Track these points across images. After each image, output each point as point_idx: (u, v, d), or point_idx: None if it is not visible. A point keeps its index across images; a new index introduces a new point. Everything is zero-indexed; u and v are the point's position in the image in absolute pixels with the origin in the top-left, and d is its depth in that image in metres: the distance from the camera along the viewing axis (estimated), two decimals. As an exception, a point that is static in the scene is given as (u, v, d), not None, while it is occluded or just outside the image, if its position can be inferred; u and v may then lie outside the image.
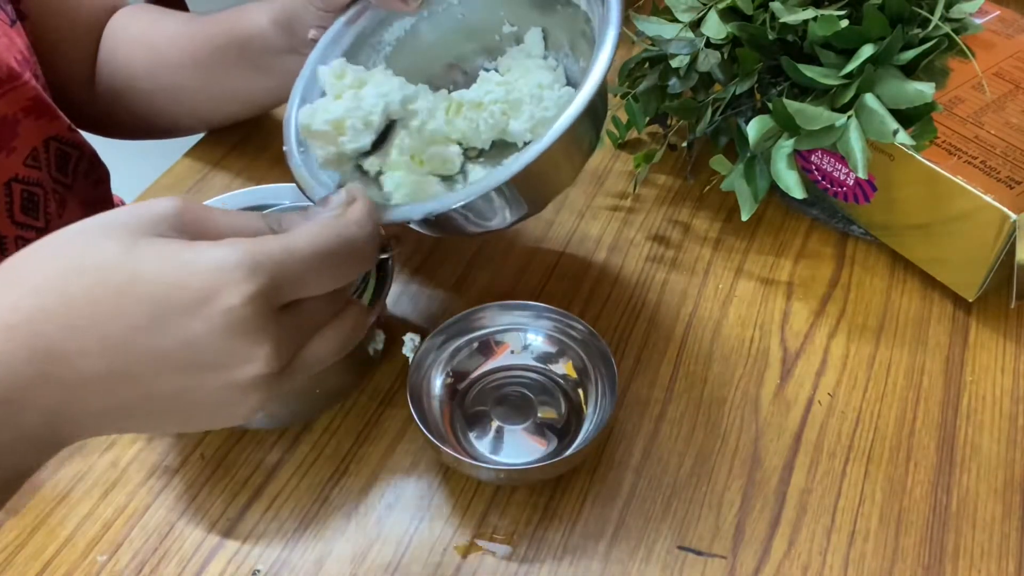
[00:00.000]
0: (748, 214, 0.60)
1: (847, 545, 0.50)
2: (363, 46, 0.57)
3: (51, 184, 0.71)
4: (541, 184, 0.52)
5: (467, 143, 0.56)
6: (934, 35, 0.55)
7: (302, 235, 0.37)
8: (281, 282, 0.35)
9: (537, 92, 0.54)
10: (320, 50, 0.57)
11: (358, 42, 0.57)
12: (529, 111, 0.54)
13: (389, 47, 0.57)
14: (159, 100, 0.74)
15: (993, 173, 0.56)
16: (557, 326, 0.57)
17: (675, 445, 0.55)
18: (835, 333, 0.60)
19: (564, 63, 0.57)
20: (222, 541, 0.52)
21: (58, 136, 0.71)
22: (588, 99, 0.46)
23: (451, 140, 0.55)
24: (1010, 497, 0.51)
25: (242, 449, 0.56)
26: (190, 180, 0.75)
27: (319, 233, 0.37)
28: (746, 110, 0.62)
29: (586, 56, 0.55)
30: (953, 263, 0.60)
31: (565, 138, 0.45)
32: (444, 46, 0.58)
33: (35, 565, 0.51)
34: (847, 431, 0.55)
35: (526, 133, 0.54)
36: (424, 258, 0.67)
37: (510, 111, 0.54)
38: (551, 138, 0.45)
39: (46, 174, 0.70)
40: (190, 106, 0.74)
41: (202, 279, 0.34)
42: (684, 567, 0.49)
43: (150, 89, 0.73)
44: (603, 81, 0.46)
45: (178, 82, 0.71)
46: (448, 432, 0.54)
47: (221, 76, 0.69)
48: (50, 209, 0.71)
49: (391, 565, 0.50)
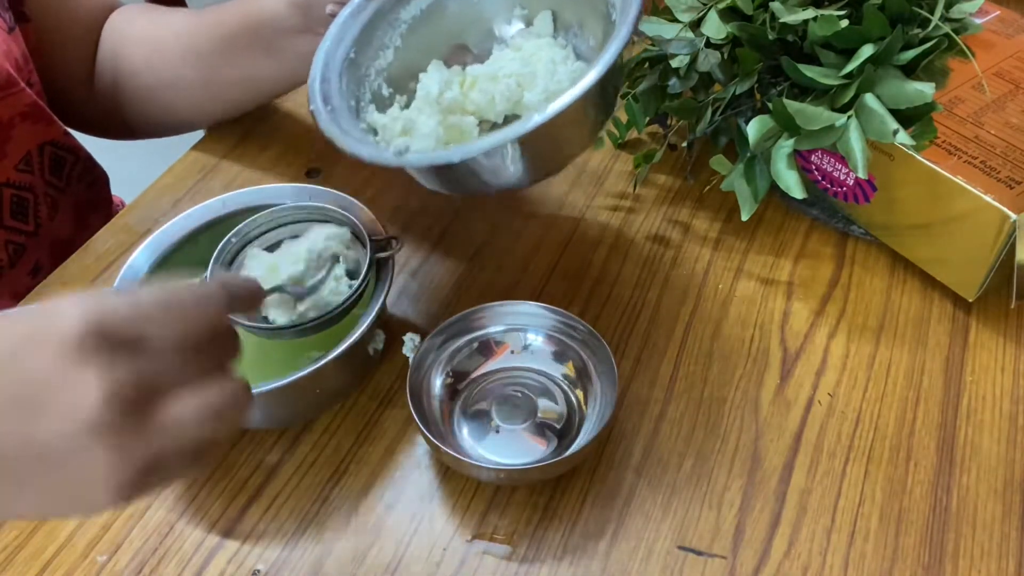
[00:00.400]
0: (748, 214, 0.60)
1: (847, 545, 0.50)
2: (381, 22, 0.59)
3: (43, 188, 0.71)
4: (561, 142, 0.53)
5: (481, 115, 0.57)
6: (934, 35, 0.55)
7: (150, 288, 0.36)
8: (115, 316, 0.34)
9: (551, 66, 0.57)
10: (340, 23, 0.58)
11: (376, 18, 0.58)
12: (543, 83, 0.56)
13: (405, 25, 0.60)
14: (160, 95, 0.74)
15: (993, 173, 0.56)
16: (557, 326, 0.57)
17: (675, 445, 0.55)
18: (835, 333, 0.60)
19: (573, 42, 0.59)
20: (222, 541, 0.52)
21: (54, 141, 0.71)
22: (615, 54, 0.47)
23: (467, 111, 0.56)
24: (1010, 497, 0.51)
25: (242, 449, 0.56)
26: (190, 180, 0.75)
27: (165, 286, 0.36)
28: (746, 110, 0.62)
29: (595, 34, 0.58)
30: (953, 263, 0.60)
31: (589, 95, 0.47)
32: (458, 26, 0.61)
33: (35, 565, 0.51)
34: (847, 431, 0.55)
35: (542, 104, 0.54)
36: (424, 258, 0.67)
37: (524, 83, 0.56)
38: (578, 91, 0.46)
39: (39, 178, 0.70)
40: (191, 99, 0.74)
41: (37, 316, 0.34)
42: (684, 567, 0.49)
43: (151, 84, 0.73)
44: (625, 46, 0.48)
45: (180, 74, 0.72)
46: (448, 432, 0.54)
47: (225, 65, 0.69)
48: (41, 213, 0.71)
49: (391, 565, 0.50)
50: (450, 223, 0.70)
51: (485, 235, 0.68)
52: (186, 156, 0.77)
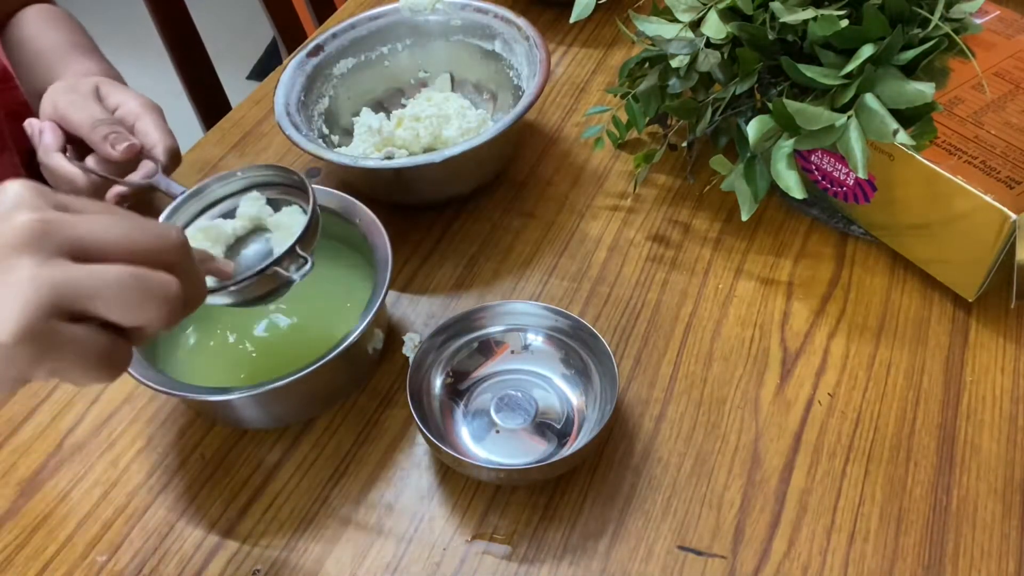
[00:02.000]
0: (748, 214, 0.60)
1: (847, 545, 0.50)
2: (319, 76, 0.74)
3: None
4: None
5: (408, 148, 0.71)
6: (934, 35, 0.55)
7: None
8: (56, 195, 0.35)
9: (461, 110, 0.74)
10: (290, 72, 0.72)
11: (315, 72, 0.73)
12: (457, 123, 0.72)
13: (336, 79, 0.75)
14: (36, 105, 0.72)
15: (993, 173, 0.56)
16: (557, 326, 0.57)
17: (675, 445, 0.55)
18: (835, 333, 0.60)
19: (470, 96, 0.78)
20: (222, 541, 0.52)
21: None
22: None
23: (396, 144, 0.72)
24: (1010, 497, 0.51)
25: (242, 449, 0.56)
26: (190, 180, 0.75)
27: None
28: (746, 110, 0.62)
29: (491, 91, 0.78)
30: (953, 263, 0.60)
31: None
32: (374, 83, 0.77)
33: (35, 565, 0.51)
34: (847, 431, 0.55)
35: (458, 138, 0.71)
36: (424, 258, 0.67)
37: (442, 122, 0.72)
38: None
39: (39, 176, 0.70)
40: None
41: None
42: (684, 567, 0.49)
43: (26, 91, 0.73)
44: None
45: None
46: (448, 432, 0.54)
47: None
48: None
49: (391, 565, 0.50)
50: (450, 223, 0.70)
51: (485, 235, 0.68)
52: (186, 156, 0.77)
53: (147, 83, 1.02)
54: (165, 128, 0.61)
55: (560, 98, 0.81)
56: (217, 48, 1.14)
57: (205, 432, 0.57)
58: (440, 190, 0.69)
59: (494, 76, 0.76)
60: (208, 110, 1.08)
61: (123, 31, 2.08)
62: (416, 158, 0.63)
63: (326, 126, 0.74)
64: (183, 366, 0.58)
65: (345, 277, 0.62)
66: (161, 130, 0.61)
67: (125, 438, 0.57)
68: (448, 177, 0.68)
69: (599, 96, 0.80)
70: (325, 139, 0.73)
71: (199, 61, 1.06)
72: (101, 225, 0.35)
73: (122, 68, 0.79)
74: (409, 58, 0.78)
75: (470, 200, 0.71)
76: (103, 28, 1.32)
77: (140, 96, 0.62)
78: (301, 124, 0.68)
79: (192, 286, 0.38)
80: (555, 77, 0.83)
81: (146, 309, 0.34)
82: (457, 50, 0.77)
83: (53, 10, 0.80)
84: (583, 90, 0.81)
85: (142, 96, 0.62)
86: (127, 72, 0.80)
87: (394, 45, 0.77)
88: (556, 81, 0.82)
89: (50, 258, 0.33)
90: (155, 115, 0.61)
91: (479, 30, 0.75)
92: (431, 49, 0.78)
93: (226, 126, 0.80)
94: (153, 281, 0.34)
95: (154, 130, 0.61)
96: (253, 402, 0.54)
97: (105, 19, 2.34)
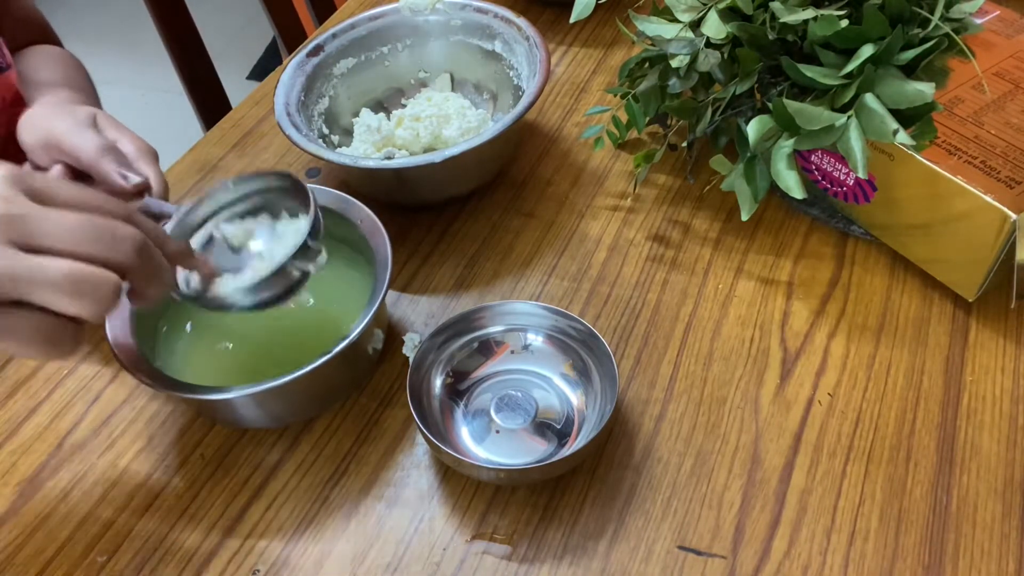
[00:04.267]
0: (748, 214, 0.60)
1: (847, 545, 0.50)
2: (319, 76, 0.74)
3: None
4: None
5: (408, 148, 0.71)
6: (934, 35, 0.55)
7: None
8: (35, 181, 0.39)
9: (461, 110, 0.73)
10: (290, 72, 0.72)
11: (315, 71, 0.73)
12: (457, 123, 0.72)
13: (336, 78, 0.75)
14: None
15: (993, 173, 0.56)
16: (557, 326, 0.57)
17: (675, 445, 0.55)
18: (835, 333, 0.60)
19: (470, 96, 0.78)
20: (222, 541, 0.52)
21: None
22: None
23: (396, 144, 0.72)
24: (1010, 497, 0.51)
25: (242, 449, 0.56)
26: (190, 180, 0.75)
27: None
28: (746, 110, 0.62)
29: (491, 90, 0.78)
30: (953, 263, 0.60)
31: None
32: (374, 83, 0.78)
33: (35, 565, 0.51)
34: (847, 431, 0.55)
35: (458, 138, 0.71)
36: (424, 258, 0.67)
37: (442, 122, 0.72)
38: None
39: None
40: None
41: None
42: (684, 567, 0.49)
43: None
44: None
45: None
46: (448, 432, 0.54)
47: None
48: None
49: (391, 565, 0.50)
50: (450, 223, 0.70)
51: (485, 235, 0.68)
52: (186, 156, 0.78)
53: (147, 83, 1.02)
54: (161, 174, 0.61)
55: (560, 98, 0.81)
56: (217, 48, 1.14)
57: (205, 432, 0.57)
58: (440, 190, 0.69)
59: (494, 76, 0.76)
60: (208, 110, 1.08)
61: (123, 30, 2.09)
62: (416, 158, 0.64)
63: (326, 126, 0.74)
64: (183, 366, 0.58)
65: (345, 277, 0.62)
66: (159, 177, 0.61)
67: (125, 438, 0.57)
68: (448, 177, 0.67)
69: (599, 96, 0.80)
70: (325, 139, 0.73)
71: (199, 61, 1.06)
72: (57, 224, 0.39)
73: (122, 68, 0.80)
74: (409, 58, 0.78)
75: (470, 200, 0.71)
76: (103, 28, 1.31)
77: (138, 138, 0.62)
78: (301, 124, 0.68)
79: (146, 280, 0.42)
80: (555, 77, 0.83)
81: (80, 303, 0.38)
82: (457, 50, 0.77)
83: (60, 51, 0.80)
84: (583, 90, 0.81)
85: (140, 138, 0.62)
86: (127, 72, 0.80)
87: (394, 45, 0.77)
88: (556, 81, 0.82)
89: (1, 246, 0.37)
90: (152, 159, 0.61)
91: (479, 30, 0.75)
92: (431, 49, 0.78)
93: (226, 126, 0.81)
94: (89, 279, 0.38)
95: (152, 175, 0.61)
96: (253, 401, 0.54)
97: (105, 19, 2.34)
